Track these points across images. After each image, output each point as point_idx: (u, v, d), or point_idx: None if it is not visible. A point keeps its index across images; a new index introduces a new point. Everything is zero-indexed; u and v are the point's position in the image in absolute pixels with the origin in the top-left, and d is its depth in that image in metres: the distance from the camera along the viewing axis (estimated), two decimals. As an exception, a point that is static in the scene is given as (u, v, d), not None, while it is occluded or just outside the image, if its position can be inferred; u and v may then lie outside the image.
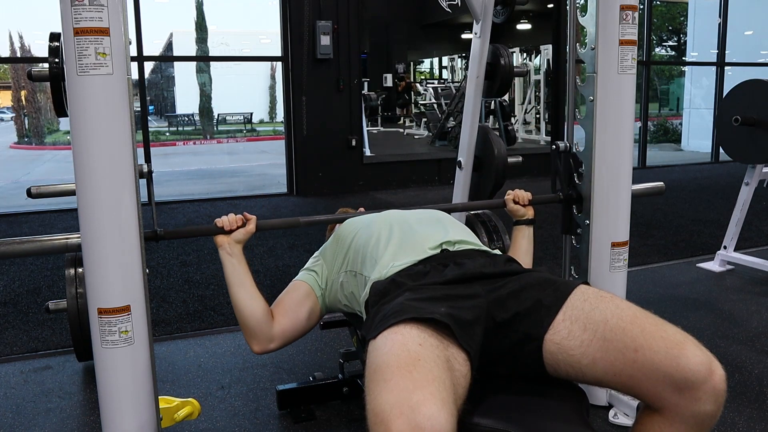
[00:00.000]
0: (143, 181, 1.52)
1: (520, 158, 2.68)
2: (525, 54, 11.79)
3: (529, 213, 1.98)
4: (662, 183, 2.23)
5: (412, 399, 0.99)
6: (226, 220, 1.69)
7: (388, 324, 1.18)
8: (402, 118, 15.37)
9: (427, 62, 21.47)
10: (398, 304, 1.25)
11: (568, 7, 2.10)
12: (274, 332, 1.66)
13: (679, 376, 1.11)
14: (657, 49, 15.57)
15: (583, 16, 1.96)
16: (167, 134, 17.09)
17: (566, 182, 2.06)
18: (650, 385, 1.14)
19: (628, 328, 1.18)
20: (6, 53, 14.78)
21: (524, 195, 1.97)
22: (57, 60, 1.72)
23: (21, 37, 15.16)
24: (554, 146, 2.08)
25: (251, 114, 17.90)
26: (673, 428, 1.16)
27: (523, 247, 1.93)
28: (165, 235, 1.68)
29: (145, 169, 1.56)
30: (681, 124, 12.25)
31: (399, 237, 1.58)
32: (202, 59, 15.88)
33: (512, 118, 10.48)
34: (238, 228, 1.70)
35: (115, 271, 1.41)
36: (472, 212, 2.72)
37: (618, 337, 1.18)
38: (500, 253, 1.58)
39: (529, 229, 1.96)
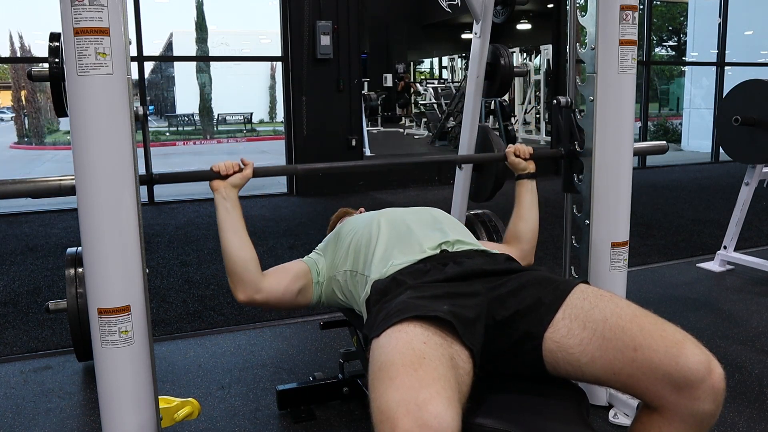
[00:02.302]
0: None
1: (520, 158, 2.68)
2: (525, 54, 11.81)
3: (530, 167, 1.96)
4: (664, 142, 2.23)
5: (419, 397, 0.99)
6: (222, 165, 1.66)
7: (391, 322, 1.18)
8: (402, 118, 15.37)
9: (427, 62, 21.47)
10: (401, 303, 1.25)
11: (568, 7, 2.10)
12: (263, 284, 1.64)
13: (678, 375, 1.11)
14: (657, 49, 15.58)
15: (583, 16, 1.96)
16: (167, 134, 17.09)
17: (567, 137, 2.05)
18: (649, 383, 1.14)
19: (628, 327, 1.18)
20: (6, 53, 14.79)
21: (525, 148, 1.97)
22: (57, 60, 1.72)
23: (21, 37, 15.18)
24: (555, 101, 2.06)
25: (251, 114, 17.91)
26: (672, 427, 1.16)
27: (527, 201, 1.91)
28: (159, 178, 1.66)
29: (141, 111, 1.54)
30: (681, 124, 12.25)
31: (398, 237, 1.59)
32: (202, 59, 15.89)
33: (512, 118, 10.48)
34: (234, 173, 1.67)
35: (115, 271, 1.41)
36: (472, 212, 2.72)
37: (617, 336, 1.18)
38: (498, 252, 1.58)
39: (532, 183, 1.95)
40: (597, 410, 2.05)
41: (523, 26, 14.82)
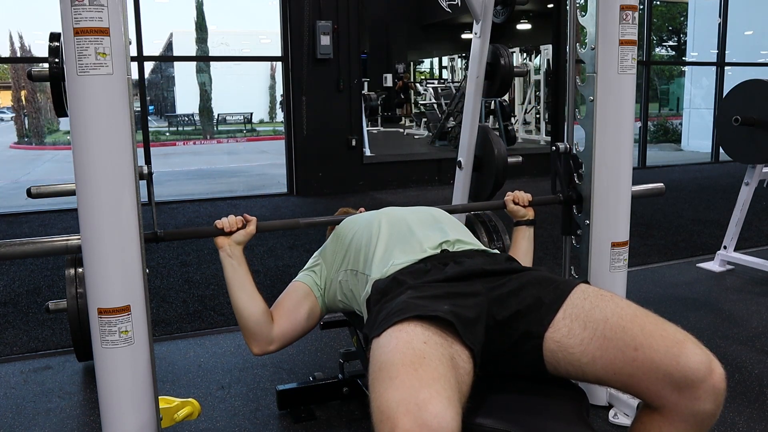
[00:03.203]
0: (143, 182, 1.52)
1: (520, 158, 2.68)
2: (525, 54, 11.79)
3: (530, 214, 1.97)
4: (662, 184, 2.22)
5: (419, 397, 0.99)
6: (226, 222, 1.69)
7: (391, 322, 1.18)
8: (402, 118, 15.36)
9: (427, 62, 21.47)
10: (401, 302, 1.25)
11: (568, 7, 2.10)
12: (274, 334, 1.66)
13: (679, 375, 1.11)
14: (657, 49, 15.57)
15: (583, 16, 1.96)
16: (167, 134, 17.10)
17: (566, 183, 2.06)
18: (650, 383, 1.14)
19: (628, 327, 1.18)
20: (6, 53, 14.79)
21: (524, 196, 1.98)
22: (57, 60, 1.72)
23: (21, 37, 15.17)
24: (554, 147, 2.08)
25: (251, 114, 17.91)
26: (672, 427, 1.16)
27: (523, 248, 1.93)
28: (165, 236, 1.67)
29: (146, 170, 1.56)
30: (681, 124, 12.26)
31: (398, 237, 1.59)
32: (202, 59, 15.89)
33: (512, 118, 10.48)
34: (238, 229, 1.69)
35: (115, 271, 1.41)
36: (472, 212, 2.72)
37: (618, 336, 1.18)
38: (499, 252, 1.58)
39: (530, 230, 1.96)
40: (597, 410, 2.05)
41: (523, 26, 14.81)
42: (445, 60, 18.62)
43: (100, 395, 1.50)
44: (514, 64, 2.57)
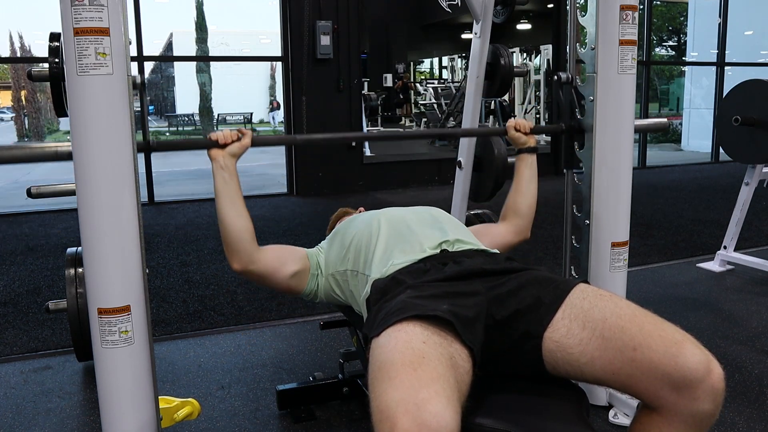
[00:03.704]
0: (136, 92, 1.49)
1: (520, 158, 2.68)
2: (525, 54, 11.80)
3: (531, 141, 1.96)
4: (665, 119, 2.21)
5: (418, 397, 0.99)
6: (221, 134, 1.65)
7: (391, 322, 1.18)
8: (402, 118, 15.36)
9: (427, 62, 21.48)
10: (400, 302, 1.25)
11: (568, 7, 2.10)
12: (258, 256, 1.64)
13: (678, 375, 1.11)
14: (657, 49, 15.58)
15: (583, 16, 1.96)
16: (167, 134, 17.11)
17: (568, 113, 2.04)
18: (648, 383, 1.14)
19: (627, 327, 1.18)
20: (6, 53, 14.80)
21: (525, 123, 1.96)
22: (57, 60, 1.72)
23: (21, 37, 15.19)
24: (556, 77, 2.06)
25: (251, 114, 17.92)
26: (671, 427, 1.16)
27: (526, 175, 1.91)
28: (156, 146, 1.66)
29: (138, 80, 1.54)
30: (681, 124, 12.26)
31: (398, 237, 1.59)
32: (202, 59, 15.90)
33: (512, 118, 10.46)
34: (233, 142, 1.66)
35: (115, 271, 1.41)
36: (472, 212, 2.72)
37: (617, 336, 1.18)
38: (498, 252, 1.58)
39: (532, 157, 1.95)
40: (597, 410, 2.06)
41: (523, 26, 14.82)
42: (445, 60, 18.63)
43: (100, 395, 1.50)
44: (514, 64, 2.57)
